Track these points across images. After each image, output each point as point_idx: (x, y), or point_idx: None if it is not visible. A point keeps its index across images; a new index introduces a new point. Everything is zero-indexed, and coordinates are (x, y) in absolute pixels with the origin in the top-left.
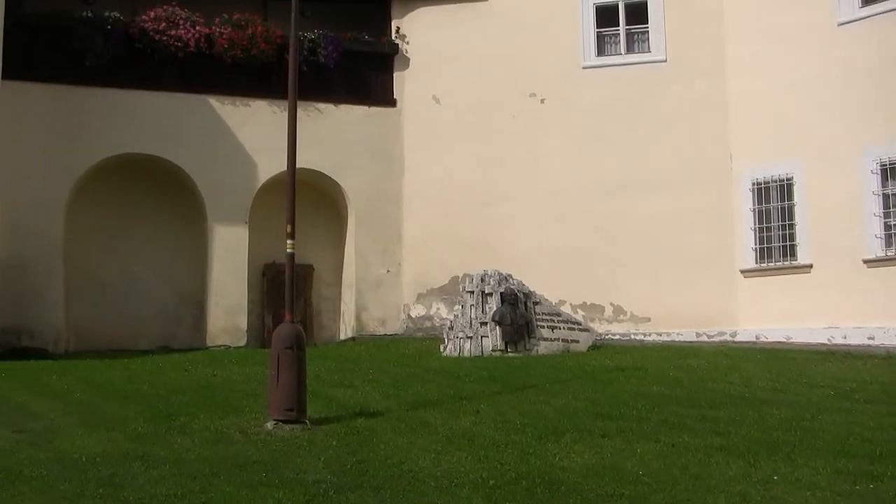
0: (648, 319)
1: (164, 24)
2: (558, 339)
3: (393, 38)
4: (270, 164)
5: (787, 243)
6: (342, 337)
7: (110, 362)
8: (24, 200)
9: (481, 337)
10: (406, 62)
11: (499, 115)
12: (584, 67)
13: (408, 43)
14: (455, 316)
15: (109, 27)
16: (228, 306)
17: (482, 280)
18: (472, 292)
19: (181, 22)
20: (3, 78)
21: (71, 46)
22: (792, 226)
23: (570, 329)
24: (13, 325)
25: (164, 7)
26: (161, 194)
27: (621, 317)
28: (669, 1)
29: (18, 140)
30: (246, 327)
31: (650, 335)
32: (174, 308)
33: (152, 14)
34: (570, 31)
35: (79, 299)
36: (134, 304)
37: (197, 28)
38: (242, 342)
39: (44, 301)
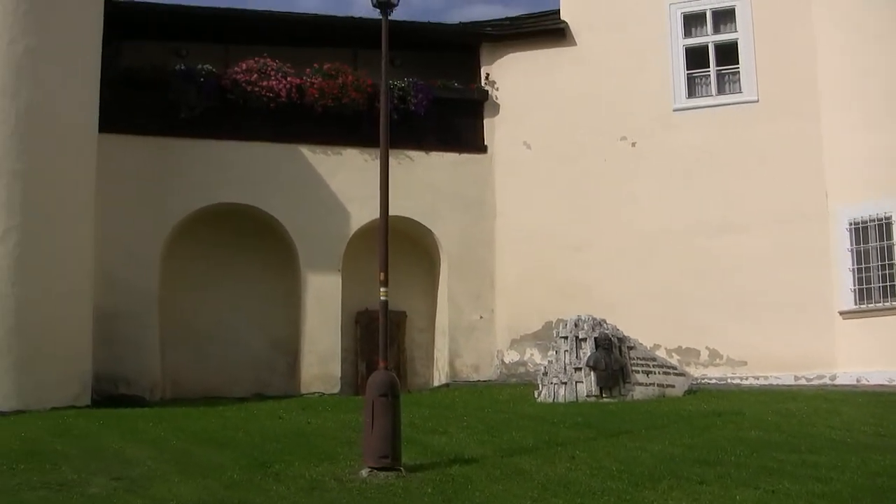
0: (745, 363)
1: (255, 75)
2: (653, 384)
3: (482, 84)
4: (362, 212)
5: (888, 284)
6: (436, 383)
7: (205, 409)
8: (121, 250)
9: (576, 382)
10: (496, 108)
11: (589, 158)
12: (674, 110)
13: (497, 89)
14: (549, 361)
15: (202, 79)
16: (322, 353)
17: (576, 325)
18: (566, 337)
19: (272, 73)
20: (100, 131)
21: (166, 99)
22: (892, 266)
23: (665, 374)
24: (110, 372)
25: (256, 59)
26: (254, 243)
27: (717, 360)
28: (760, 40)
29: (115, 191)
30: (340, 374)
31: (747, 379)
32: (268, 355)
33: (244, 66)
34: (660, 74)
35: (174, 347)
36: (228, 352)
37: (288, 79)
38: (336, 389)
39: (140, 349)
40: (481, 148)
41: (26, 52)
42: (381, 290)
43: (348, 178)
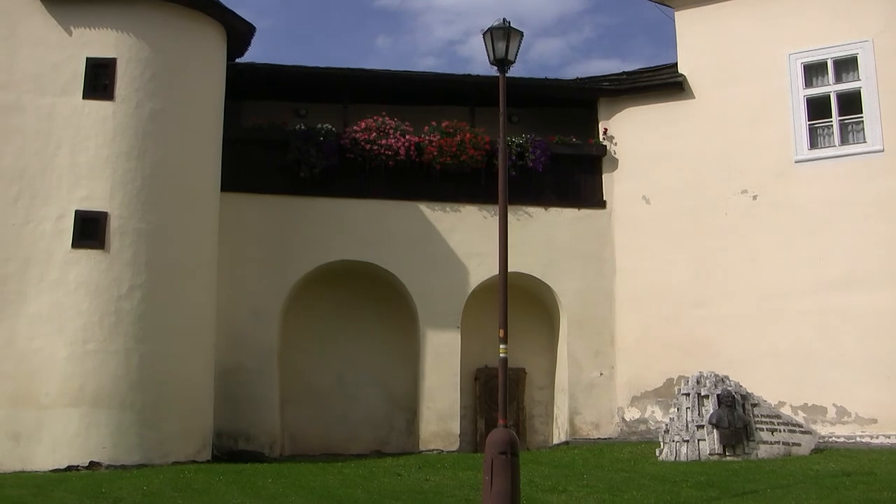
0: (875, 421)
1: (374, 133)
2: (779, 443)
3: (601, 139)
4: (481, 269)
5: None
6: (555, 441)
7: (324, 466)
8: (242, 307)
9: (698, 440)
10: (614, 163)
11: (710, 213)
12: (796, 161)
13: (615, 144)
14: (671, 419)
15: (322, 138)
16: (441, 410)
17: (698, 382)
18: (688, 395)
19: (391, 131)
20: (221, 190)
21: (286, 158)
22: None
23: (790, 431)
24: (231, 428)
25: (375, 117)
26: (373, 300)
27: (845, 418)
28: (884, 88)
29: (237, 249)
30: (458, 432)
31: (877, 437)
32: (387, 412)
33: (363, 125)
34: (781, 125)
35: (293, 404)
36: (347, 409)
37: (407, 137)
38: (455, 447)
39: (260, 405)
40: (600, 203)
41: (151, 115)
42: (501, 347)
43: (467, 234)
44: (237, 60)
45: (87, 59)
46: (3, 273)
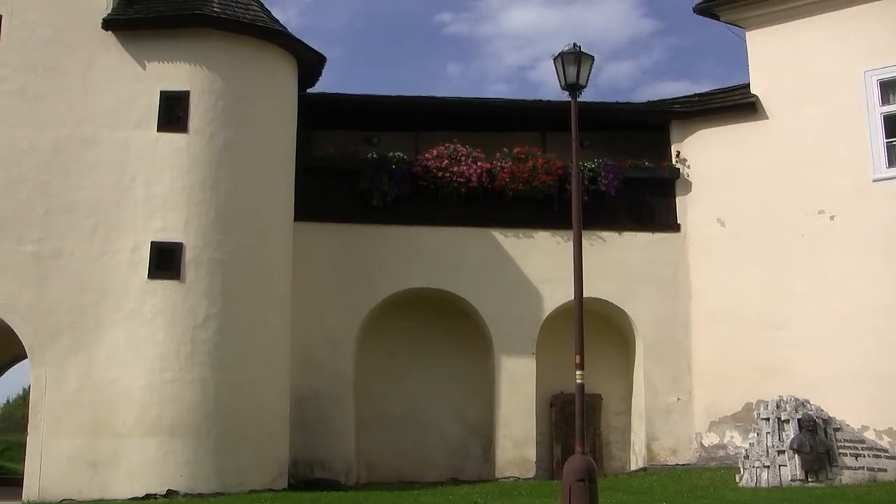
0: None
1: (446, 161)
2: (863, 468)
3: (673, 162)
4: (555, 294)
5: None
6: (633, 467)
7: (400, 494)
8: (317, 335)
9: (779, 466)
10: (688, 186)
11: (786, 234)
12: (874, 180)
13: (689, 166)
14: (750, 444)
15: (394, 167)
16: (517, 437)
17: (777, 406)
18: (768, 419)
19: (463, 158)
20: (295, 219)
21: (358, 187)
22: None
23: (875, 457)
24: (306, 456)
25: (446, 144)
26: (447, 327)
27: None
28: None
29: (311, 278)
30: (535, 458)
31: None
32: (462, 439)
33: (434, 152)
34: (858, 143)
35: (368, 431)
36: (422, 436)
37: (478, 163)
38: (531, 474)
39: (336, 433)
40: (674, 227)
41: (225, 146)
42: (577, 373)
43: (540, 260)
44: (308, 90)
45: (161, 92)
46: (80, 304)
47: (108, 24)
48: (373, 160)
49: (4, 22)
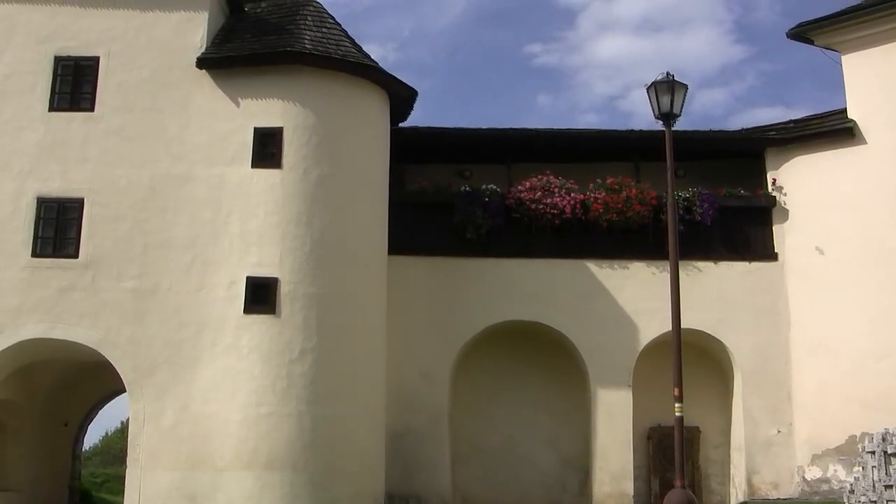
0: None
1: (539, 192)
2: None
3: (769, 190)
4: (651, 325)
5: None
6: (732, 502)
7: None
8: (412, 369)
9: (886, 501)
10: (784, 214)
11: (888, 261)
12: None
13: (785, 194)
14: (855, 478)
15: (487, 199)
16: (614, 471)
17: (884, 439)
18: (874, 452)
19: (556, 189)
20: (389, 253)
21: (451, 220)
22: None
23: None
24: (402, 490)
25: (539, 176)
26: (542, 359)
27: None
28: None
29: (405, 312)
30: (632, 492)
31: None
32: (559, 473)
33: (527, 184)
34: None
35: (464, 465)
36: (518, 470)
37: (572, 195)
38: None
39: (431, 467)
40: (771, 255)
41: (318, 181)
42: (676, 405)
43: (636, 291)
44: (400, 124)
45: (255, 128)
46: (178, 338)
47: (202, 62)
48: (466, 193)
49: (102, 64)
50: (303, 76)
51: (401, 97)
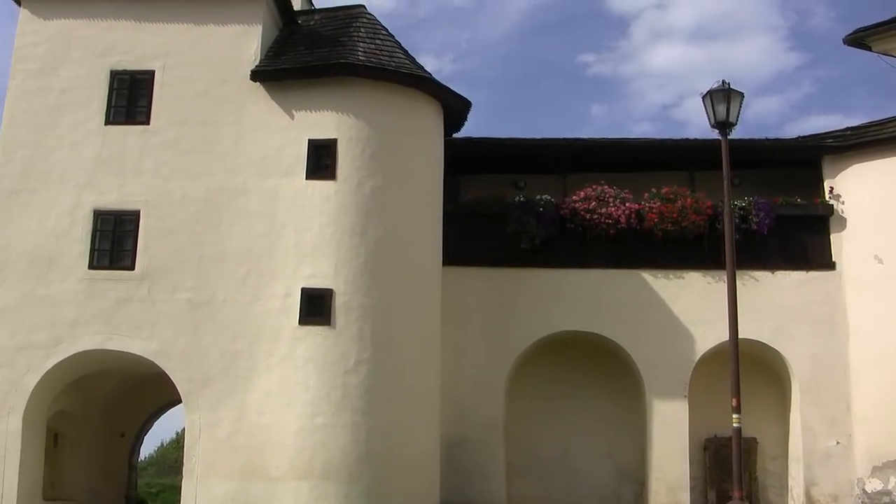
0: None
1: (594, 202)
2: None
3: (827, 198)
4: (707, 336)
5: None
6: None
7: None
8: (466, 380)
9: None
10: (842, 222)
11: None
12: None
13: (843, 202)
14: None
15: (541, 209)
16: (670, 482)
17: None
18: None
19: (611, 199)
20: (443, 264)
21: (505, 230)
22: None
23: None
24: (457, 501)
25: (593, 186)
26: (597, 370)
27: None
28: None
29: (460, 322)
30: None
31: None
32: (614, 484)
33: (582, 194)
34: None
35: (519, 476)
36: (573, 481)
37: (627, 205)
38: None
39: (486, 478)
40: (829, 265)
41: (373, 192)
42: (734, 416)
43: (691, 301)
44: (454, 135)
45: (309, 140)
46: (233, 350)
47: (256, 75)
48: (520, 203)
49: (157, 77)
50: (356, 88)
51: (455, 108)
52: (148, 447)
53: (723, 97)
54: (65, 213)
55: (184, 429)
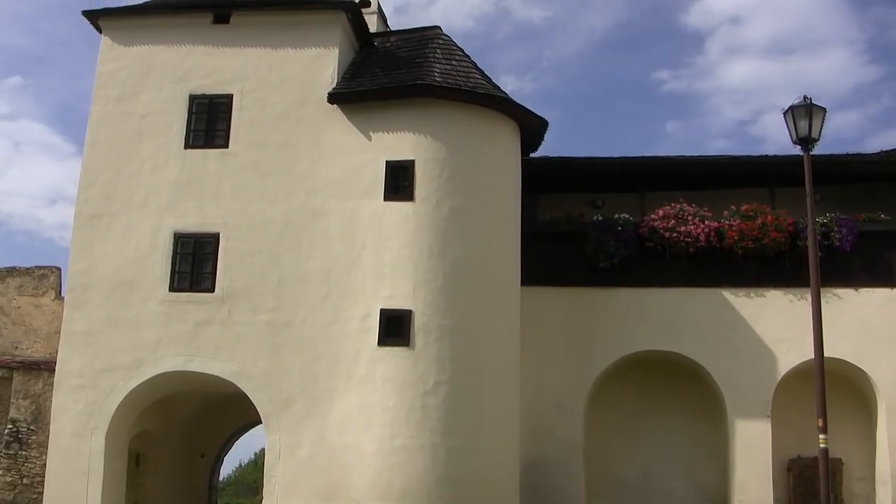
0: None
1: (673, 221)
2: None
3: None
4: (790, 355)
5: None
6: None
7: None
8: (546, 401)
9: None
10: None
11: None
12: None
13: None
14: None
15: (620, 228)
16: (752, 503)
17: None
18: None
19: (690, 218)
20: (522, 284)
21: (584, 250)
22: None
23: None
24: None
25: (672, 204)
26: (678, 390)
27: None
28: None
29: (539, 343)
30: None
31: None
32: None
33: (661, 212)
34: None
35: (600, 497)
36: (654, 502)
37: (706, 223)
38: None
39: (566, 499)
40: None
41: (451, 213)
42: (821, 437)
43: (773, 320)
44: (531, 155)
45: (387, 161)
46: (313, 371)
47: (333, 97)
48: (598, 222)
49: (235, 101)
50: (433, 109)
51: (531, 127)
52: (227, 468)
53: (805, 113)
54: (146, 237)
55: (262, 449)
